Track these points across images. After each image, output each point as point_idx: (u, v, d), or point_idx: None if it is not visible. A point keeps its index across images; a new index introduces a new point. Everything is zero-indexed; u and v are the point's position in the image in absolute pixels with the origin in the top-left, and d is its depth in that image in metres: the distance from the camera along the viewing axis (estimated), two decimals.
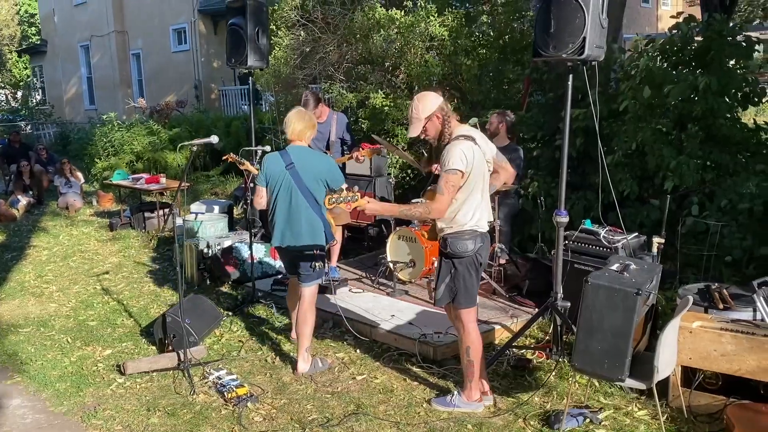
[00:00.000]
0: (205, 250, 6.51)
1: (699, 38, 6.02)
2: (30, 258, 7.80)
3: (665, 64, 6.05)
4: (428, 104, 3.62)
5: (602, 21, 3.89)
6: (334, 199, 3.42)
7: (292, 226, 4.22)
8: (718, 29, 5.76)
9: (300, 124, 4.22)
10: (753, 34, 6.38)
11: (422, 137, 3.73)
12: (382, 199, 6.90)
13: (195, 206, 7.94)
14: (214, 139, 4.12)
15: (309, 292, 4.36)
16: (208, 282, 6.44)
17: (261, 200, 4.30)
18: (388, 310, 5.29)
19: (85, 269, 7.25)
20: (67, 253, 7.97)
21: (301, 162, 4.19)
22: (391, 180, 7.30)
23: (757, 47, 6.01)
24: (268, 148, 5.75)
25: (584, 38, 3.78)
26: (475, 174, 3.57)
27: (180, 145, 4.17)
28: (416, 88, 8.01)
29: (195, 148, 4.02)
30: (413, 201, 4.13)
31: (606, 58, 6.26)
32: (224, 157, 5.70)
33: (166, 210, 9.13)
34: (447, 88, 7.73)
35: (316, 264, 4.29)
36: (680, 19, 6.03)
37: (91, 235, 9.02)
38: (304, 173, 4.16)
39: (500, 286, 5.66)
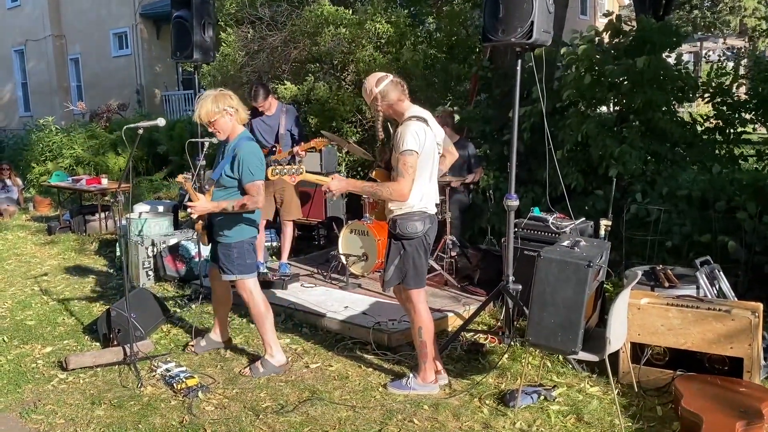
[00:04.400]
0: (150, 248, 6.33)
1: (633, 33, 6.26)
2: None
3: (604, 55, 6.25)
4: (369, 89, 3.63)
5: (549, 6, 3.97)
6: (277, 171, 3.33)
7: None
8: (649, 24, 5.99)
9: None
10: (685, 47, 6.72)
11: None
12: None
13: (139, 206, 7.72)
14: (160, 121, 4.02)
15: None
16: (153, 280, 6.26)
17: None
18: (341, 302, 5.25)
19: (22, 272, 6.93)
20: (1, 257, 7.61)
21: None
22: (342, 176, 7.26)
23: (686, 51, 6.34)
24: (215, 139, 5.64)
25: (532, 22, 3.85)
26: (425, 156, 3.58)
27: (126, 127, 4.03)
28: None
29: (141, 131, 3.90)
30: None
31: (550, 54, 6.45)
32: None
33: (108, 213, 8.86)
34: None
35: None
36: (613, 17, 6.27)
37: (27, 239, 8.65)
38: None
39: (452, 277, 5.69)
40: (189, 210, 3.82)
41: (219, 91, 3.94)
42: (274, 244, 6.99)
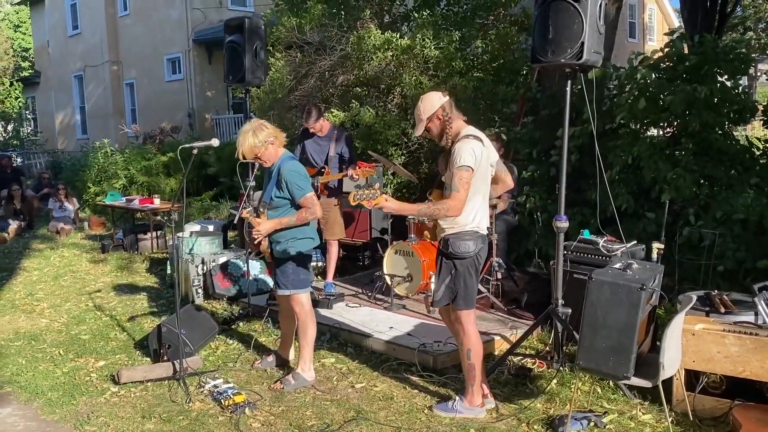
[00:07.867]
0: (201, 266, 6.46)
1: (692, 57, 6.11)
2: (20, 278, 7.69)
3: (660, 78, 6.13)
4: (430, 104, 3.65)
5: (600, 27, 3.96)
6: (358, 196, 3.36)
7: None
8: (711, 46, 5.86)
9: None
10: None
11: (427, 137, 3.76)
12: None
13: (189, 225, 7.91)
14: (214, 142, 4.14)
15: None
16: (203, 297, 6.38)
17: None
18: (385, 323, 5.24)
19: (77, 288, 7.15)
20: (58, 273, 7.87)
21: None
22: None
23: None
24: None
25: (582, 43, 3.84)
26: (479, 174, 3.58)
27: (181, 147, 4.16)
28: (410, 109, 8.07)
29: (195, 151, 4.01)
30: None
31: (600, 75, 6.39)
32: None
33: (160, 232, 9.09)
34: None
35: None
36: (674, 36, 6.13)
37: (82, 256, 8.92)
38: None
39: (498, 300, 5.63)
40: (254, 234, 3.97)
41: (254, 124, 4.03)
42: (320, 264, 7.04)
